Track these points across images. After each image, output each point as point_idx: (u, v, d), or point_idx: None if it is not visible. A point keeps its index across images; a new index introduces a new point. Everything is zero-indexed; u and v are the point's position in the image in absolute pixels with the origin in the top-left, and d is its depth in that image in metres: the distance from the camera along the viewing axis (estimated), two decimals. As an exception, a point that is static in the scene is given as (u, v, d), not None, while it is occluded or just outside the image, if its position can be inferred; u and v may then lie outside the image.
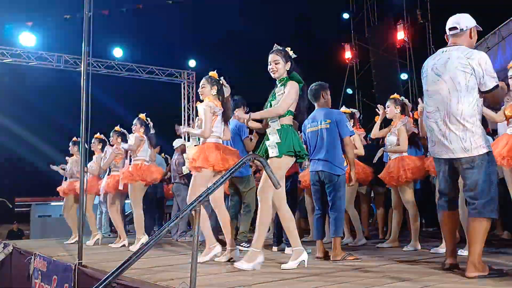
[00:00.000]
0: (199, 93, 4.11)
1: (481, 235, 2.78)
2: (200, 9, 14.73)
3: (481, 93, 2.83)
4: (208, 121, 3.87)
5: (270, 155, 3.22)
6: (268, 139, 3.32)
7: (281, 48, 3.43)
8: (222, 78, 4.16)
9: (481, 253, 2.80)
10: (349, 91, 15.47)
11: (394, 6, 14.39)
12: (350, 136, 3.99)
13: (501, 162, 3.57)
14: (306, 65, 3.44)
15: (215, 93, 4.04)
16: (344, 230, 5.77)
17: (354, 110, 5.57)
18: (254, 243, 3.33)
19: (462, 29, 2.96)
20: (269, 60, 3.41)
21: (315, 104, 4.14)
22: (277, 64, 3.37)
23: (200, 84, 4.10)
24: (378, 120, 4.99)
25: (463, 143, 2.79)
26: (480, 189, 2.78)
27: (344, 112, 5.36)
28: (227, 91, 4.13)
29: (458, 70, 2.81)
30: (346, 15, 15.77)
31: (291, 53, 3.44)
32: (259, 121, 3.58)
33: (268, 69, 3.41)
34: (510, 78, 3.77)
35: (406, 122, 4.56)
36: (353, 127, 5.32)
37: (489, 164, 2.82)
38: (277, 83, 3.45)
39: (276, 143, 3.23)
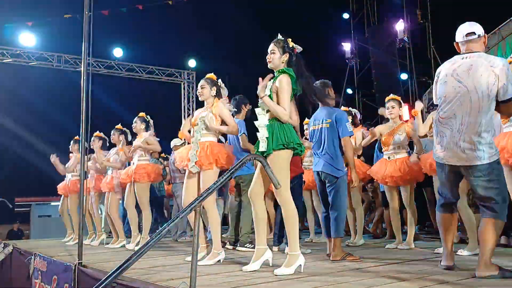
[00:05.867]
0: (198, 94, 4.15)
1: (495, 236, 2.82)
2: (200, 9, 14.73)
3: (499, 102, 2.79)
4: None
5: (260, 149, 3.21)
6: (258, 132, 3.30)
7: (281, 38, 3.35)
8: (219, 80, 4.19)
9: (493, 253, 2.83)
10: (349, 91, 15.48)
11: (394, 6, 14.40)
12: (350, 136, 3.94)
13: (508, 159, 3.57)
14: (306, 65, 3.40)
15: (215, 94, 4.09)
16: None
17: (354, 111, 5.56)
18: (290, 248, 3.23)
19: (479, 35, 2.94)
20: (268, 50, 3.36)
21: (319, 103, 4.06)
22: (273, 54, 3.31)
23: (199, 85, 4.13)
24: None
25: (477, 152, 2.77)
26: (494, 194, 2.80)
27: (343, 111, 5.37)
28: (224, 92, 4.17)
29: (482, 78, 2.76)
30: (346, 15, 15.77)
31: (291, 44, 3.33)
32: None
33: (266, 60, 3.37)
34: None
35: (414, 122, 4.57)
36: (355, 127, 5.33)
37: (499, 169, 2.85)
38: (275, 74, 3.38)
39: (266, 137, 3.21)
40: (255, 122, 3.32)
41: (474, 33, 2.93)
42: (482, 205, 2.87)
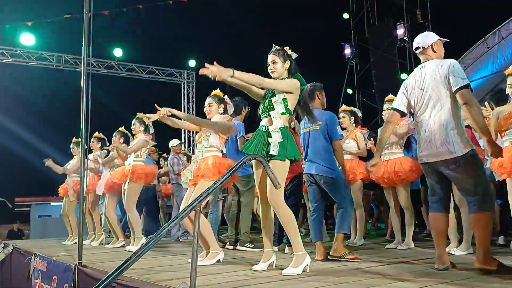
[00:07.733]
0: (206, 112, 4.14)
1: (485, 229, 2.90)
2: (199, 8, 14.73)
3: (454, 94, 2.96)
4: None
5: (271, 152, 3.20)
6: (268, 137, 3.24)
7: (279, 48, 3.39)
8: (226, 96, 4.20)
9: (489, 247, 2.91)
10: (349, 91, 15.48)
11: (394, 6, 14.39)
12: (340, 139, 3.92)
13: (502, 172, 3.63)
14: (306, 65, 3.42)
15: (222, 112, 4.10)
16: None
17: (355, 109, 5.55)
18: (295, 248, 3.21)
19: (424, 47, 3.21)
20: (268, 61, 3.37)
21: (310, 105, 4.06)
22: (275, 64, 3.33)
23: (207, 103, 4.13)
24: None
25: (447, 146, 2.95)
26: (473, 186, 2.93)
27: (344, 110, 5.36)
28: (230, 109, 4.20)
29: (435, 80, 3.05)
30: (346, 15, 15.75)
31: (290, 52, 3.40)
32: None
33: (268, 71, 3.37)
34: (509, 86, 3.75)
35: (409, 122, 4.56)
36: (355, 126, 5.33)
37: (474, 161, 2.96)
38: None
39: (279, 142, 3.21)
40: (270, 127, 3.24)
41: (418, 47, 3.24)
42: (467, 199, 3.01)
